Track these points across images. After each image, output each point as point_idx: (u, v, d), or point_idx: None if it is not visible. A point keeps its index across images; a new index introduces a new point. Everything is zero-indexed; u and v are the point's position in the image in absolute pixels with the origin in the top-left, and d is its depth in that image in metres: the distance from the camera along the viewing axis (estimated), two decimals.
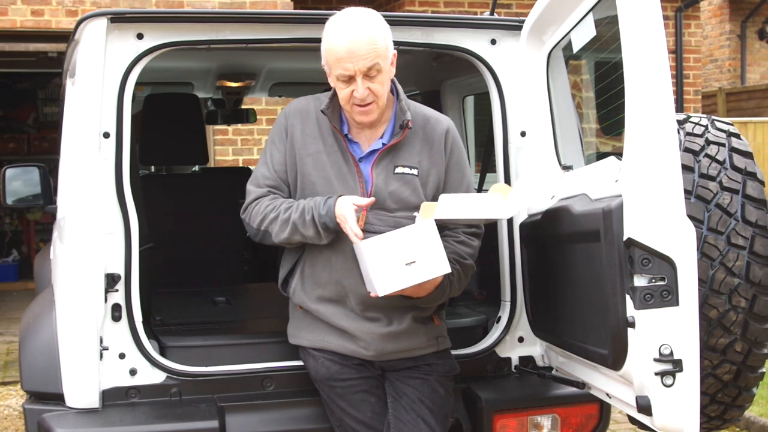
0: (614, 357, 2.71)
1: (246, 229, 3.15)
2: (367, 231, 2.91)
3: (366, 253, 2.80)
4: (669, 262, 2.55)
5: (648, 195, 2.55)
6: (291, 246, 3.10)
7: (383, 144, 3.03)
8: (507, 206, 2.88)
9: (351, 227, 2.84)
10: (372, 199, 2.90)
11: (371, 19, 2.91)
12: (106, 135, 3.12)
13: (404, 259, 2.76)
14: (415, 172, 3.03)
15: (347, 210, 2.86)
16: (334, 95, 3.01)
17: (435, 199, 3.00)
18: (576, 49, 3.17)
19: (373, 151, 3.03)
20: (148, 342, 3.19)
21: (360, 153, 3.05)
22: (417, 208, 2.95)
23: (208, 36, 3.26)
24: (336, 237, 2.96)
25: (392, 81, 3.04)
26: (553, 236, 3.12)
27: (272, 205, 3.03)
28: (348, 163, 3.02)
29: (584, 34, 3.09)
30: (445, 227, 3.04)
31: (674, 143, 2.56)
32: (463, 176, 3.12)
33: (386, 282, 2.78)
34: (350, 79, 2.88)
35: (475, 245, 3.12)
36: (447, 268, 2.81)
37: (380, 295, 2.81)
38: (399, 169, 3.02)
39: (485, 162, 4.53)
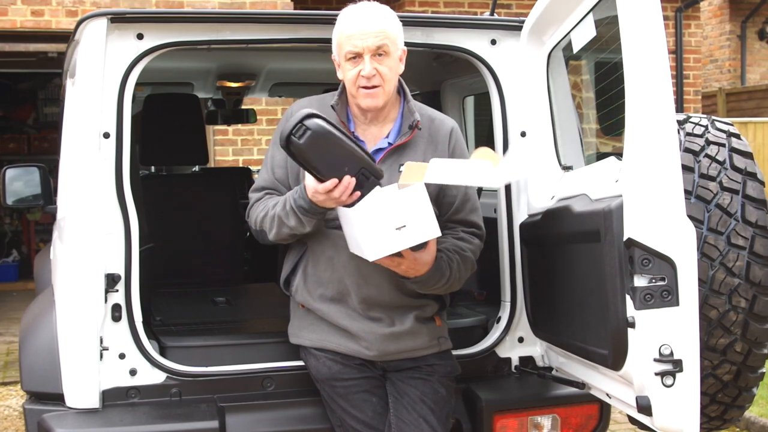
0: (614, 357, 2.71)
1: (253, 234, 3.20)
2: None
3: (355, 218, 2.78)
4: (669, 263, 2.55)
5: (648, 195, 2.55)
6: (285, 242, 3.11)
7: (389, 143, 3.04)
8: (498, 174, 2.83)
9: (325, 187, 2.76)
10: (333, 180, 2.76)
11: (384, 9, 2.99)
12: (106, 135, 3.12)
13: (394, 224, 2.74)
14: None
15: (313, 182, 2.81)
16: (343, 91, 3.04)
17: (437, 197, 3.02)
18: (576, 49, 3.17)
19: (378, 150, 3.04)
20: (148, 342, 3.19)
21: None
22: None
23: (208, 36, 3.26)
24: (338, 236, 2.97)
25: (399, 82, 3.07)
26: (553, 236, 3.12)
27: (263, 205, 3.07)
28: None
29: (584, 34, 3.09)
30: (444, 227, 3.04)
31: (674, 143, 2.56)
32: None
33: (376, 247, 2.75)
34: (358, 58, 2.91)
35: (475, 243, 3.12)
36: (437, 231, 2.78)
37: (370, 260, 2.79)
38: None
39: None
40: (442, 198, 3.07)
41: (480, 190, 4.34)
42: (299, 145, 2.73)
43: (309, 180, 2.84)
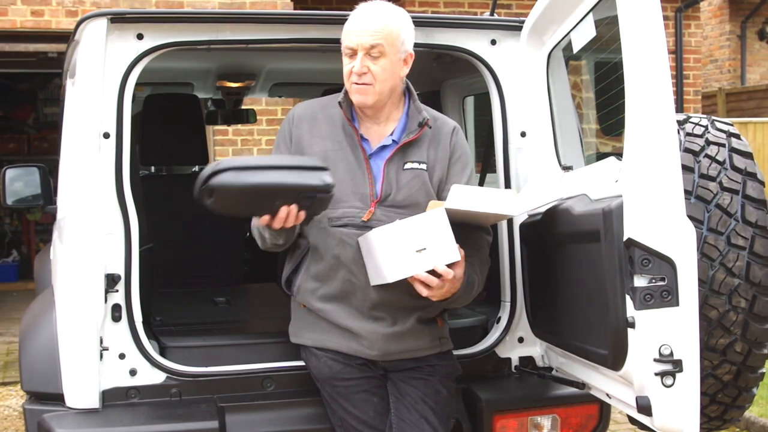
0: (614, 357, 2.71)
1: None
2: (375, 227, 2.92)
3: (376, 241, 2.82)
4: (669, 263, 2.55)
5: (648, 195, 2.55)
6: (279, 250, 3.10)
7: (394, 141, 3.06)
8: (516, 204, 2.90)
9: (262, 221, 2.86)
10: (266, 218, 2.84)
11: (393, 10, 3.00)
12: (106, 135, 3.12)
13: (414, 246, 2.78)
14: (423, 166, 3.06)
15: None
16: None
17: (437, 192, 3.05)
18: (576, 49, 3.17)
19: (382, 148, 3.06)
20: (148, 342, 3.19)
21: (369, 149, 3.07)
22: (425, 203, 2.97)
23: (208, 36, 3.26)
24: (344, 234, 2.97)
25: (406, 82, 3.10)
26: (553, 236, 3.12)
27: None
28: (358, 159, 3.04)
29: (584, 34, 3.10)
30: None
31: (674, 144, 2.56)
32: (463, 174, 3.13)
33: (397, 268, 2.80)
34: (353, 54, 2.94)
35: (483, 236, 3.14)
36: (456, 256, 2.81)
37: (390, 281, 2.82)
38: (408, 165, 3.05)
39: (485, 162, 4.53)
40: (441, 192, 3.08)
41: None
42: (211, 205, 2.76)
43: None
